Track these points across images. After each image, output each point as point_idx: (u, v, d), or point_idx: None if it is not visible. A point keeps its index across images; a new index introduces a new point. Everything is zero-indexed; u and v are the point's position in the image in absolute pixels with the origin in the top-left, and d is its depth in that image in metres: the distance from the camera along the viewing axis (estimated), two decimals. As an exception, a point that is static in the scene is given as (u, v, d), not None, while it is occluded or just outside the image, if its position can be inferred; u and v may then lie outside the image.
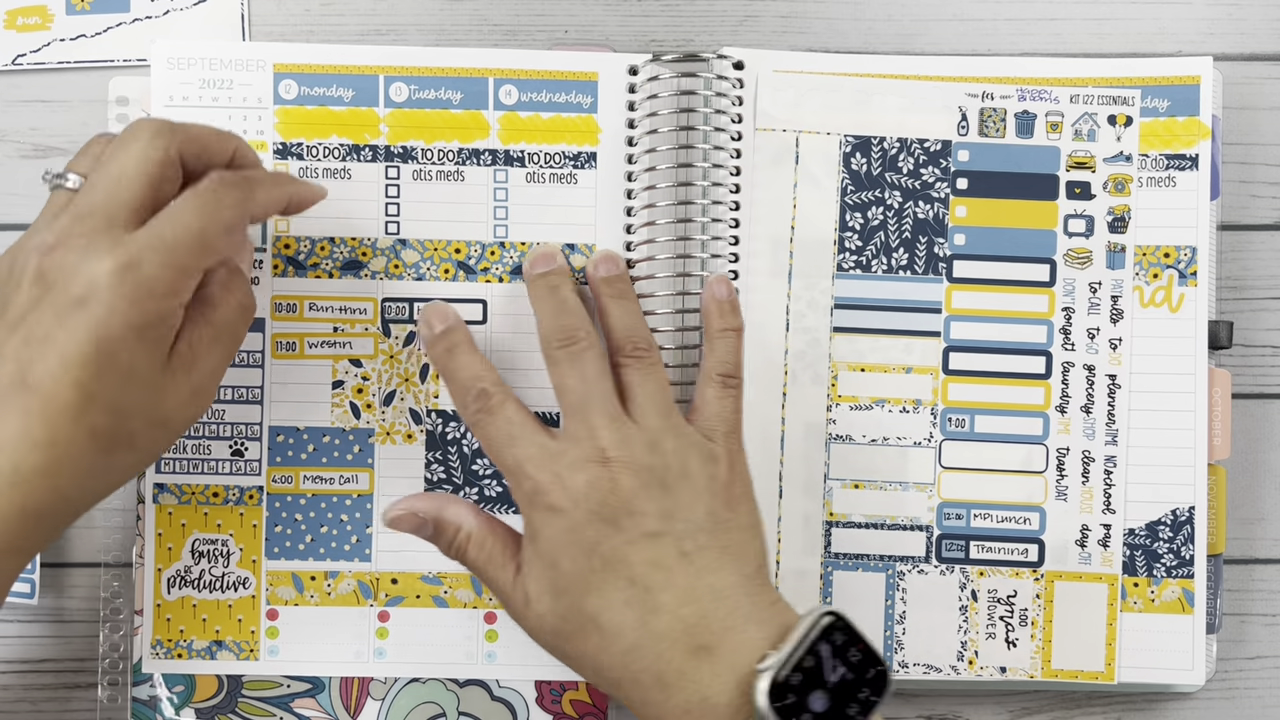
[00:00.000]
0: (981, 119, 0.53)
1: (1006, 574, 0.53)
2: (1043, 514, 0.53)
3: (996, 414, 0.54)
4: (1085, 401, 0.53)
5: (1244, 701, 0.57)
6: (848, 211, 0.54)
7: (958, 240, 0.54)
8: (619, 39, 0.57)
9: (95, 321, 0.41)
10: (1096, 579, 0.53)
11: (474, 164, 0.54)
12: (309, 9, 0.57)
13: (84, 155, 0.47)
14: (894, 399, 0.54)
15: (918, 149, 0.53)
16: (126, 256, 0.42)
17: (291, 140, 0.54)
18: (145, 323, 0.42)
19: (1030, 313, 0.53)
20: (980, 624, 0.53)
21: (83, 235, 0.42)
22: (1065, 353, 0.53)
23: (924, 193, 0.54)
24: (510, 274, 0.54)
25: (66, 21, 0.56)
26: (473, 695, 0.54)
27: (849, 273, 0.54)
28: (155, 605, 0.53)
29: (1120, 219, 0.53)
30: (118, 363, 0.42)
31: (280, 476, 0.54)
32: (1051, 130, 0.53)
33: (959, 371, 0.54)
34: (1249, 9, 0.57)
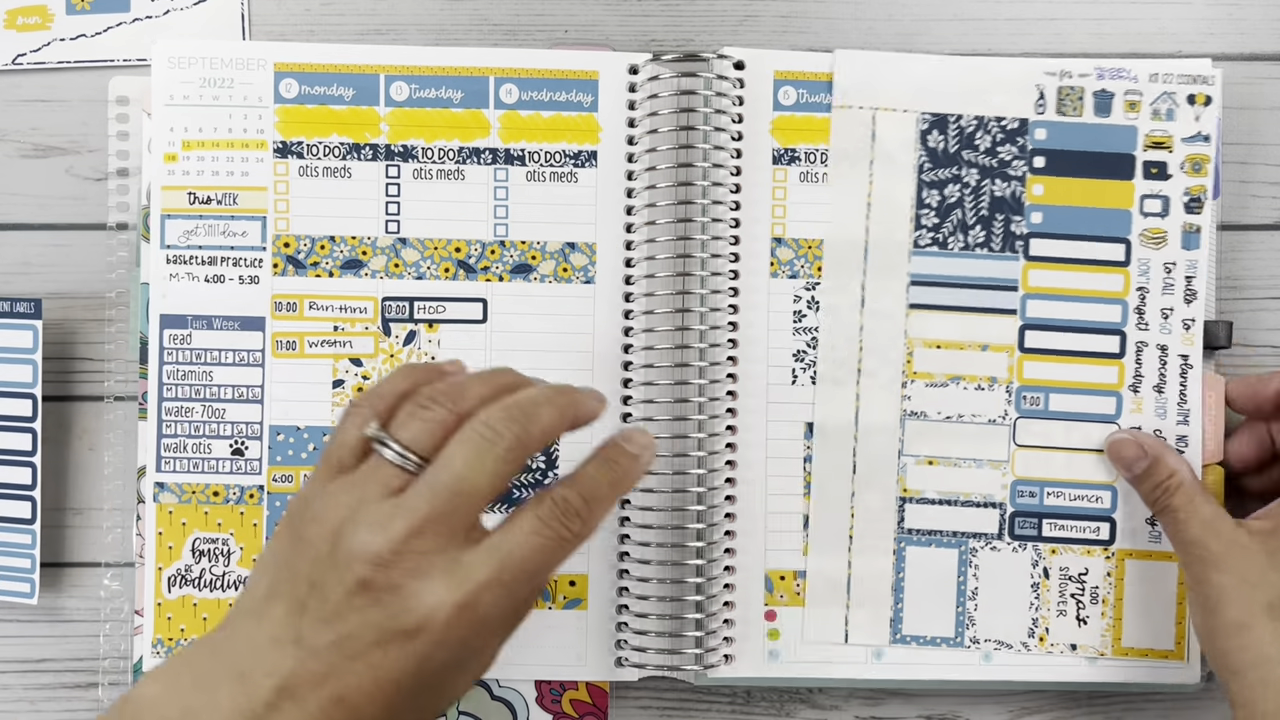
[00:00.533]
0: (1059, 97, 0.54)
1: (1078, 552, 0.53)
2: (1114, 492, 0.53)
3: (1071, 392, 0.54)
4: (1158, 381, 0.53)
5: (1244, 701, 0.56)
6: (924, 189, 0.54)
7: (1034, 218, 0.54)
8: (619, 38, 0.57)
9: (421, 656, 0.39)
10: (1167, 557, 0.53)
11: (474, 163, 0.54)
12: (309, 8, 0.57)
13: (416, 425, 0.41)
14: (969, 376, 0.54)
15: (995, 127, 0.54)
16: (464, 595, 0.39)
17: (292, 139, 0.54)
18: (472, 656, 0.41)
19: (1105, 292, 0.54)
20: (1051, 601, 0.53)
21: (421, 554, 0.39)
22: (1139, 332, 0.53)
23: (1001, 170, 0.54)
24: (511, 273, 0.54)
25: (66, 21, 0.56)
26: (472, 695, 0.54)
27: (925, 250, 0.54)
28: (156, 604, 0.53)
29: (1196, 200, 0.53)
30: (432, 685, 0.40)
31: (281, 476, 0.54)
32: (1129, 109, 0.53)
33: (1034, 350, 0.54)
34: (1249, 9, 0.57)
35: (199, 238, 0.54)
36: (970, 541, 0.54)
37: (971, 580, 0.54)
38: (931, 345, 0.54)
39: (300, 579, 0.39)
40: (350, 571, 0.39)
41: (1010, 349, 0.54)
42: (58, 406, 0.56)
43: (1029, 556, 0.54)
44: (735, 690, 0.56)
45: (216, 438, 0.54)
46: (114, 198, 0.55)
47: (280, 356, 0.54)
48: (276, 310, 0.54)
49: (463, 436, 0.40)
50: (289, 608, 0.39)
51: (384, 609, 0.38)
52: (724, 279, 0.54)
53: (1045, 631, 0.54)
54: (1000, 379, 0.54)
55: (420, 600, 0.38)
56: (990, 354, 0.54)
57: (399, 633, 0.38)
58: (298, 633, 0.39)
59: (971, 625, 0.54)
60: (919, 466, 0.54)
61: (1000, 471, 0.54)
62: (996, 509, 0.54)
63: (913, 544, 0.54)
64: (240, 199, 0.54)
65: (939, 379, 0.54)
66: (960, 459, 0.54)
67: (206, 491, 0.54)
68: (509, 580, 0.39)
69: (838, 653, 0.54)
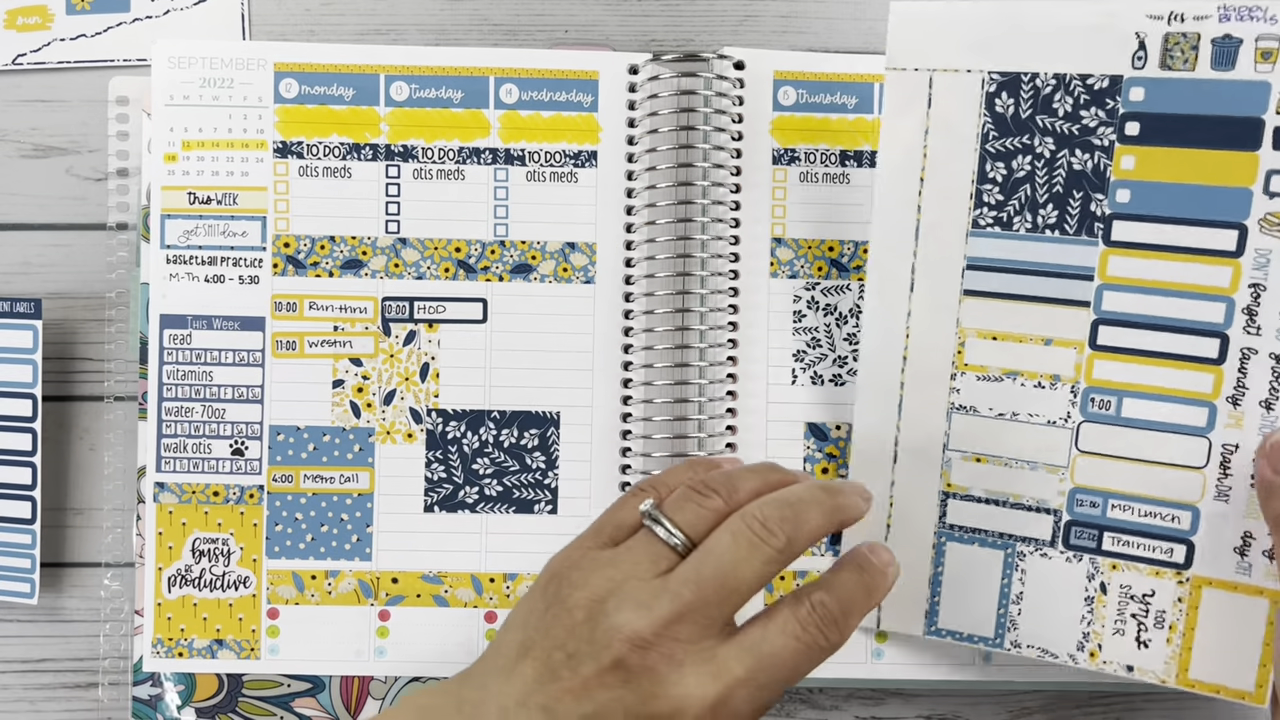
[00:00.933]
0: (1166, 47, 0.44)
1: (1144, 571, 0.47)
2: (1195, 514, 0.47)
3: (1151, 398, 0.47)
4: (1267, 396, 0.45)
5: (1244, 701, 0.56)
6: (988, 161, 0.48)
7: (1120, 197, 0.46)
8: (619, 38, 0.57)
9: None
10: (1256, 592, 0.46)
11: (474, 163, 0.54)
12: (309, 8, 0.57)
13: (691, 508, 0.42)
14: (1029, 373, 0.48)
15: (1079, 87, 0.45)
16: (721, 690, 0.39)
17: (292, 139, 0.54)
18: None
19: (1206, 287, 0.45)
20: (1108, 618, 0.48)
21: (679, 642, 0.39)
22: (1247, 337, 0.45)
23: (1083, 139, 0.46)
24: (511, 273, 0.54)
25: (66, 21, 0.56)
26: (473, 694, 0.54)
27: (986, 230, 0.48)
28: (156, 604, 0.53)
29: None
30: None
31: (280, 475, 0.54)
32: (1262, 59, 0.43)
33: (1109, 348, 0.47)
34: (1249, 9, 0.57)
35: (199, 238, 0.54)
36: (1018, 545, 0.50)
37: (1017, 584, 0.50)
38: (986, 336, 0.49)
39: (555, 645, 0.39)
40: (609, 649, 0.39)
41: (1079, 345, 0.47)
42: (58, 406, 0.56)
43: (1084, 569, 0.49)
44: (735, 690, 0.56)
45: (216, 438, 0.54)
46: (114, 198, 0.55)
47: (280, 356, 0.54)
48: (276, 310, 0.54)
49: (734, 528, 0.41)
50: (540, 673, 0.39)
51: (636, 691, 0.38)
52: (724, 279, 0.54)
53: (1098, 648, 0.49)
54: (1065, 377, 0.48)
55: (675, 689, 0.38)
56: (1055, 349, 0.48)
57: (650, 717, 0.38)
58: (547, 700, 0.39)
59: (1014, 629, 0.50)
60: (965, 463, 0.50)
61: (1058, 476, 0.49)
62: (1050, 515, 0.49)
63: (954, 540, 0.51)
64: (240, 199, 0.54)
65: (993, 373, 0.49)
66: (1012, 459, 0.49)
67: (206, 491, 0.54)
68: (764, 681, 0.39)
69: (837, 653, 0.54)
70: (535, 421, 0.54)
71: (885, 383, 0.51)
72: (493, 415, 0.54)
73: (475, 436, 0.54)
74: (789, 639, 0.40)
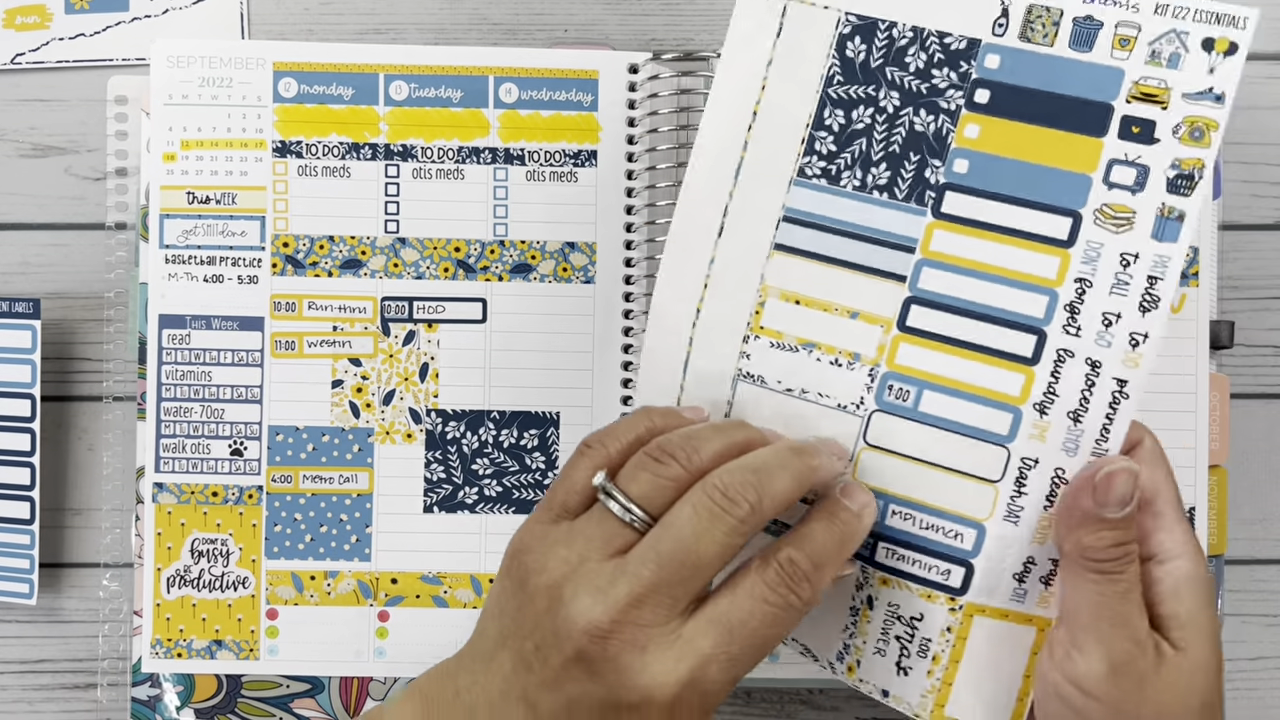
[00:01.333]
0: (1028, 18, 0.42)
1: (915, 593, 0.42)
2: (981, 533, 0.41)
3: (954, 394, 0.42)
4: (1076, 407, 0.40)
5: (1245, 702, 0.56)
6: (828, 106, 0.43)
7: (958, 166, 0.42)
8: (619, 38, 0.57)
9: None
10: (1025, 620, 0.42)
11: (474, 162, 0.54)
12: (308, 7, 0.57)
13: (646, 478, 0.39)
14: (827, 346, 0.43)
15: (935, 44, 0.42)
16: (689, 670, 0.37)
17: (291, 138, 0.54)
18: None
19: (1031, 276, 0.41)
20: (870, 634, 0.43)
21: (641, 626, 0.37)
22: (1066, 337, 0.41)
23: (930, 100, 0.43)
24: (510, 273, 0.54)
25: (65, 21, 0.56)
26: (472, 695, 0.54)
27: (811, 181, 0.43)
28: (155, 605, 0.53)
29: (1187, 176, 0.40)
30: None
31: (280, 476, 0.54)
32: (1119, 46, 0.41)
33: (918, 331, 0.42)
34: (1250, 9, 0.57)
35: (198, 237, 0.54)
36: None
37: None
38: (789, 299, 0.43)
39: (524, 635, 0.39)
40: (570, 640, 0.37)
41: (887, 323, 0.42)
42: (56, 406, 0.56)
43: (853, 576, 0.43)
44: (735, 691, 0.56)
45: (215, 438, 0.54)
46: (113, 197, 0.55)
47: (279, 356, 0.54)
48: (275, 310, 0.54)
49: (694, 500, 0.38)
50: (515, 663, 0.39)
51: (602, 683, 0.37)
52: (724, 279, 0.53)
53: (856, 663, 0.44)
54: (866, 357, 0.42)
55: (641, 677, 0.37)
56: (860, 324, 0.43)
57: (621, 707, 0.38)
58: (525, 691, 0.38)
59: None
60: None
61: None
62: None
63: None
64: (239, 199, 0.54)
65: (789, 342, 0.43)
66: None
67: (205, 492, 0.54)
68: (736, 652, 0.38)
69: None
70: (535, 422, 0.54)
71: (673, 338, 0.45)
72: (492, 415, 0.54)
73: (475, 437, 0.54)
74: (758, 603, 0.38)
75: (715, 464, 0.39)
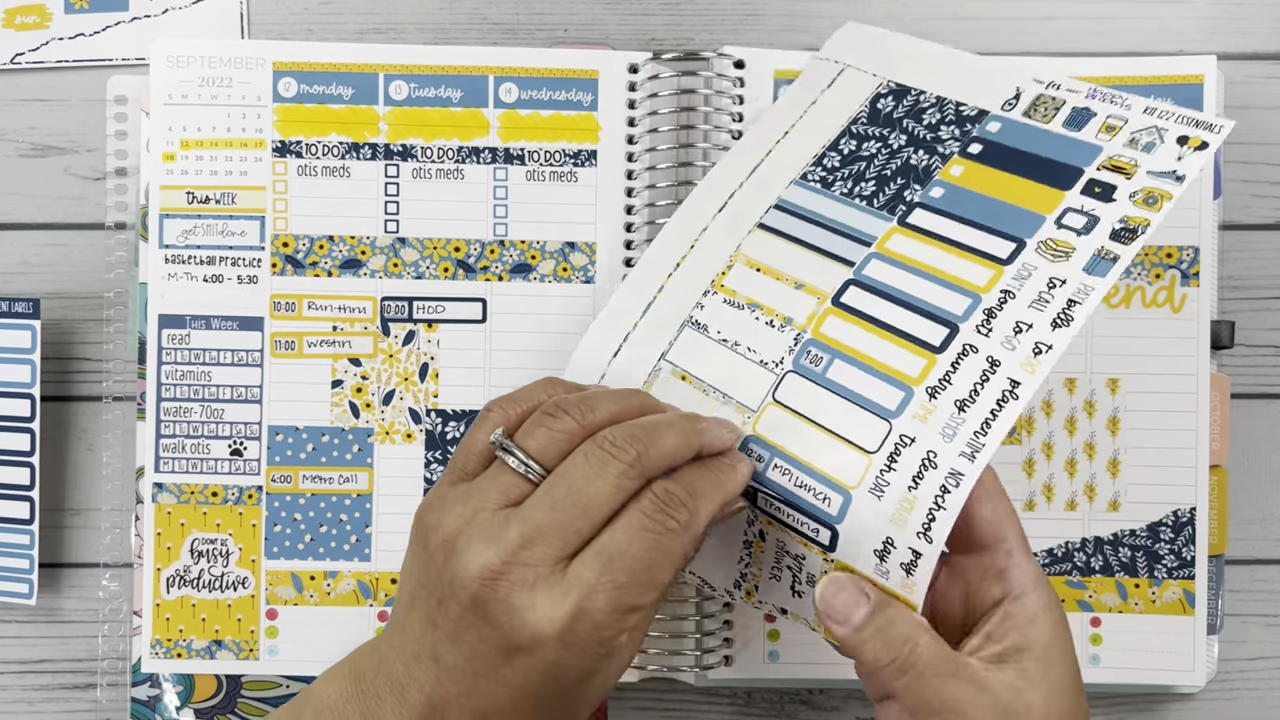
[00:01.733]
0: (1034, 102, 0.48)
1: (794, 538, 0.44)
2: (847, 500, 0.43)
3: (859, 367, 0.44)
4: (964, 397, 0.42)
5: (1245, 702, 0.56)
6: (845, 137, 0.50)
7: (934, 192, 0.47)
8: (619, 37, 0.57)
9: (546, 667, 0.38)
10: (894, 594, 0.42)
11: (474, 162, 0.54)
12: (308, 7, 0.57)
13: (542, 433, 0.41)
14: (768, 308, 0.47)
15: (951, 110, 0.49)
16: (574, 604, 0.38)
17: (291, 138, 0.54)
18: (593, 666, 0.39)
19: (964, 281, 0.45)
20: (765, 563, 0.46)
21: (529, 568, 0.38)
22: (976, 335, 0.43)
23: (930, 144, 0.48)
24: (510, 272, 0.54)
25: (65, 20, 0.56)
26: (472, 695, 0.54)
27: (808, 184, 0.49)
28: (154, 605, 0.53)
29: (1131, 230, 0.44)
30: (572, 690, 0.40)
31: (279, 476, 0.54)
32: (1105, 131, 0.46)
33: (847, 308, 0.46)
34: (1250, 8, 0.57)
35: (197, 237, 0.54)
36: None
37: None
38: (753, 266, 0.48)
39: (429, 592, 0.39)
40: (465, 588, 0.38)
41: (823, 296, 0.46)
42: (56, 406, 0.56)
43: (744, 516, 0.46)
44: (735, 691, 0.56)
45: (215, 438, 0.54)
46: (112, 197, 0.55)
47: (279, 356, 0.54)
48: (275, 310, 0.54)
49: (586, 449, 0.40)
50: (423, 621, 0.39)
51: (496, 626, 0.38)
52: (724, 279, 0.53)
53: (754, 588, 0.47)
54: (796, 322, 0.46)
55: (530, 615, 0.38)
56: (801, 293, 0.47)
57: (515, 648, 0.38)
58: (434, 649, 0.39)
59: None
60: (670, 378, 0.47)
61: (744, 418, 0.45)
62: None
63: None
64: (239, 198, 0.54)
65: (739, 300, 0.48)
66: (711, 388, 0.46)
67: (205, 492, 0.54)
68: (622, 580, 0.39)
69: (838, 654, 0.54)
70: (535, 422, 0.54)
71: (650, 279, 0.50)
72: (492, 415, 0.54)
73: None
74: (636, 531, 0.39)
75: (609, 423, 0.41)
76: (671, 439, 0.41)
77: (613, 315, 0.49)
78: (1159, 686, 0.54)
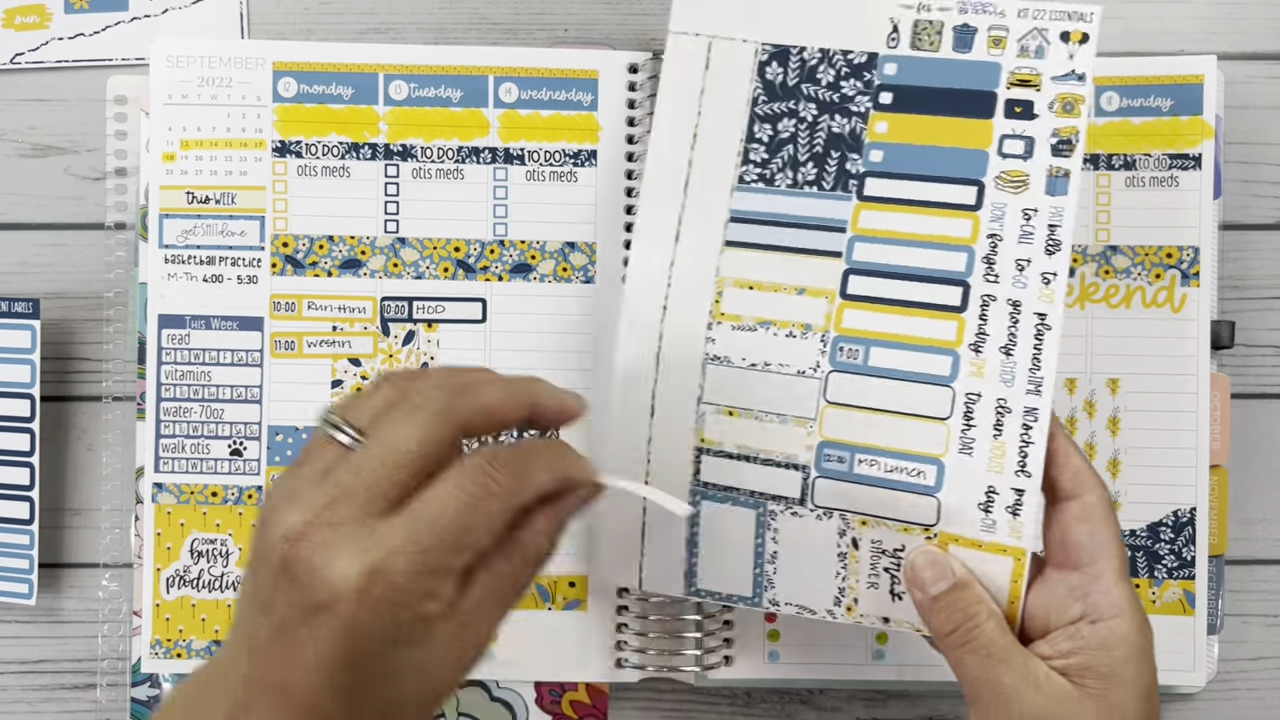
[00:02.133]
0: (915, 31, 0.49)
1: (894, 528, 0.46)
2: (940, 468, 0.45)
3: (897, 347, 0.47)
4: (1006, 342, 0.46)
5: (1245, 702, 0.56)
6: (756, 123, 0.49)
7: (874, 157, 0.48)
8: (619, 37, 0.57)
9: (342, 630, 0.36)
10: (1000, 551, 0.45)
11: (474, 162, 0.54)
12: (308, 7, 0.57)
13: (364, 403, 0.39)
14: (781, 321, 0.48)
15: (840, 61, 0.49)
16: (372, 562, 0.36)
17: (290, 138, 0.54)
18: (395, 631, 0.37)
19: (949, 237, 0.47)
20: (861, 573, 0.47)
21: (331, 525, 0.37)
22: (987, 284, 0.46)
23: (842, 106, 0.49)
24: (510, 273, 0.54)
25: (65, 20, 0.56)
26: (472, 696, 0.54)
27: (750, 186, 0.49)
28: (154, 605, 0.53)
29: (1066, 141, 0.47)
30: (376, 666, 0.37)
31: (280, 476, 0.54)
32: (993, 45, 0.48)
33: (859, 297, 0.47)
34: (1250, 8, 0.57)
35: (197, 237, 0.54)
36: (769, 504, 0.48)
37: (770, 544, 0.48)
38: (744, 285, 0.48)
39: (251, 572, 0.38)
40: (274, 552, 0.37)
41: (830, 294, 0.48)
42: (56, 407, 0.56)
43: (835, 525, 0.47)
44: (735, 691, 0.56)
45: (215, 438, 0.54)
46: (112, 197, 0.55)
47: (279, 356, 0.54)
48: (275, 310, 0.54)
49: (398, 406, 0.38)
50: (248, 602, 0.38)
51: (299, 586, 0.36)
52: (724, 279, 0.53)
53: (854, 602, 0.47)
54: (816, 326, 0.48)
55: (329, 573, 0.36)
56: (807, 298, 0.48)
57: (315, 607, 0.36)
58: (253, 628, 0.38)
59: (771, 588, 0.48)
60: (719, 416, 0.48)
61: (806, 430, 0.47)
62: (799, 471, 0.47)
63: (709, 499, 0.48)
64: (239, 198, 0.54)
65: (747, 322, 0.48)
66: (762, 412, 0.48)
67: (205, 492, 0.53)
68: (428, 543, 0.36)
69: (838, 654, 0.54)
70: (535, 422, 0.54)
71: (645, 333, 0.49)
72: (492, 415, 0.54)
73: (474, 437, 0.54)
74: (453, 491, 0.37)
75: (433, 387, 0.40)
76: (492, 392, 0.39)
77: (629, 382, 0.49)
78: (1159, 687, 0.54)
